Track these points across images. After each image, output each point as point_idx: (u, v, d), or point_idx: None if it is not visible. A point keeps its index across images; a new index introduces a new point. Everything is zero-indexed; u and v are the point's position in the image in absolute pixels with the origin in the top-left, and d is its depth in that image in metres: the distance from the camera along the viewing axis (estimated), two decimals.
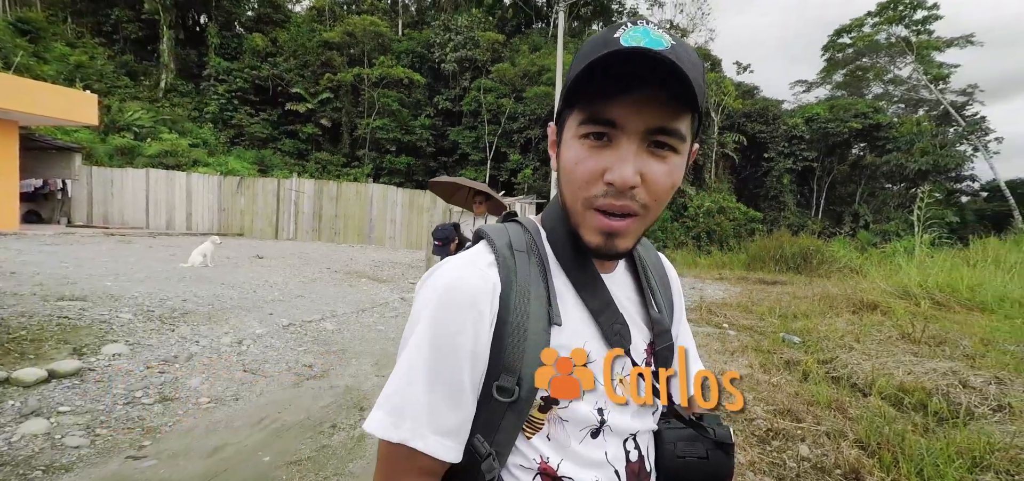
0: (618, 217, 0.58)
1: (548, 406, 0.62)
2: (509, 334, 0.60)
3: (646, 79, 0.53)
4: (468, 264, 0.63)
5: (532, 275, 0.64)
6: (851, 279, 9.68)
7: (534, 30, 30.68)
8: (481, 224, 4.82)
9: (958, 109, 26.05)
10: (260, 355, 4.43)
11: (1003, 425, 3.26)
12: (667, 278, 0.81)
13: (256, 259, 10.72)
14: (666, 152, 0.57)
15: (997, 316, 6.36)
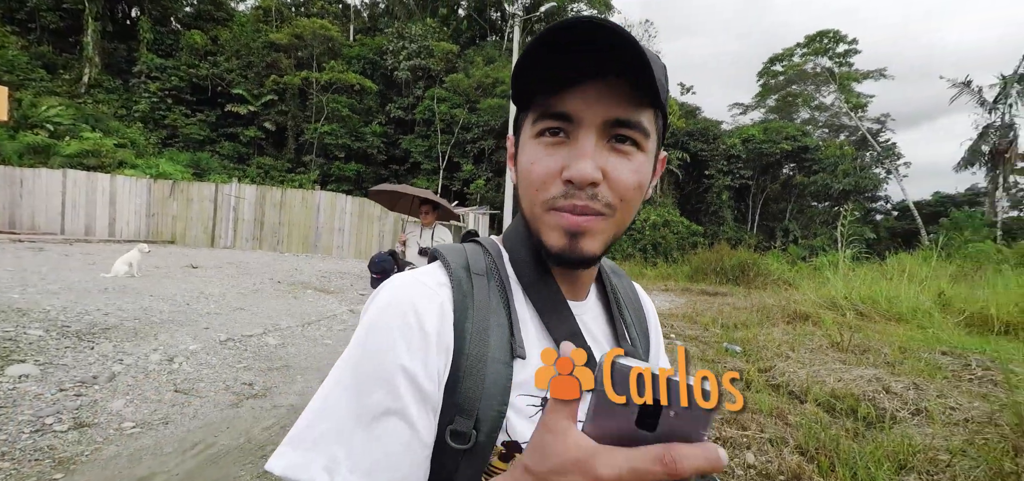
0: (584, 215, 0.52)
1: (510, 452, 0.52)
2: (465, 369, 0.51)
3: (603, 67, 0.49)
4: (414, 281, 0.55)
5: (492, 301, 0.56)
6: (785, 291, 10.29)
7: (488, 43, 30.90)
8: (435, 234, 4.67)
9: (874, 135, 28.56)
10: (194, 373, 4.12)
11: (921, 428, 3.53)
12: (642, 310, 0.74)
13: (190, 269, 10.04)
14: (629, 147, 0.52)
15: (911, 325, 6.93)
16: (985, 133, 22.96)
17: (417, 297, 0.52)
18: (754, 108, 34.15)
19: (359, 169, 24.07)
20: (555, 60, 0.49)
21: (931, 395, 4.08)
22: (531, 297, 0.59)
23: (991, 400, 3.84)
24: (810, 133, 27.97)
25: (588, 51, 0.47)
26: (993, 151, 22.46)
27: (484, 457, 0.51)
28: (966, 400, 3.93)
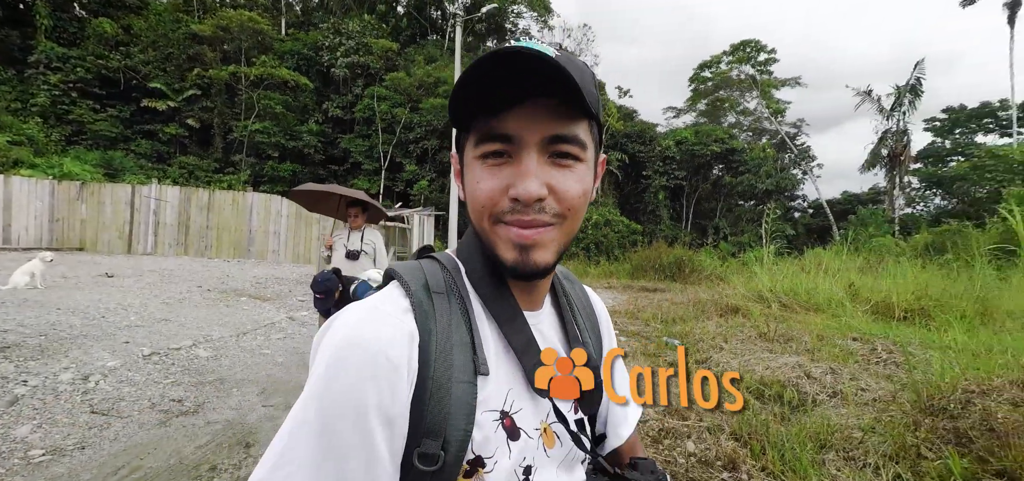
0: (533, 228, 0.54)
1: (474, 469, 0.53)
2: (431, 391, 0.51)
3: (536, 88, 0.51)
4: (376, 310, 0.53)
5: (453, 320, 0.56)
6: (717, 286, 10.93)
7: (429, 41, 30.52)
8: (365, 237, 4.49)
9: (791, 138, 30.90)
10: (114, 392, 3.79)
11: (838, 409, 3.86)
12: (594, 313, 0.77)
13: (104, 278, 9.19)
14: (569, 161, 0.54)
15: (827, 315, 7.57)
16: (884, 138, 25.45)
17: (382, 330, 0.51)
18: (686, 112, 35.98)
19: (295, 169, 23.00)
20: (491, 84, 0.51)
21: (845, 379, 4.47)
22: (490, 309, 0.59)
23: (894, 380, 4.27)
24: (736, 136, 29.85)
25: (522, 74, 0.50)
26: (891, 154, 24.95)
27: (451, 477, 0.51)
28: (874, 381, 4.34)
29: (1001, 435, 2.62)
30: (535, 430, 0.58)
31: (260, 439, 3.24)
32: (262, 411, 3.71)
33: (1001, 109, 28.59)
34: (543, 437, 0.59)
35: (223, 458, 2.98)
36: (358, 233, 4.48)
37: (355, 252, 4.40)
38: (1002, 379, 3.50)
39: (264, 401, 3.92)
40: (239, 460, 2.96)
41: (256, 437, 3.27)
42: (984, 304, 6.75)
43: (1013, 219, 9.73)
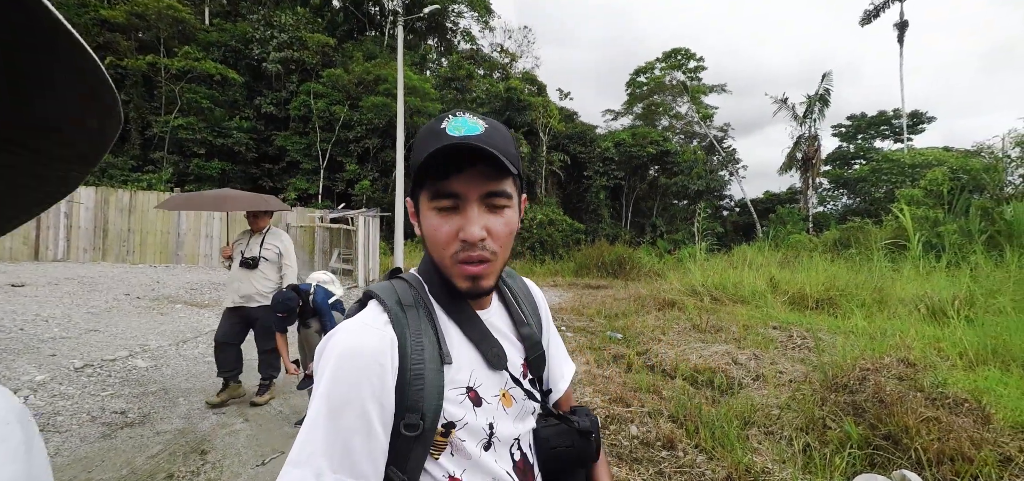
0: (477, 264, 0.74)
1: (448, 430, 0.74)
2: (410, 381, 0.71)
3: (474, 159, 0.72)
4: (365, 327, 0.73)
5: (422, 325, 0.76)
6: (655, 282, 11.59)
7: (368, 37, 29.79)
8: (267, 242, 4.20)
9: (719, 142, 32.97)
10: (47, 406, 3.59)
11: (760, 390, 4.34)
12: (533, 299, 0.98)
13: (11, 288, 8.39)
14: (500, 208, 0.75)
15: (751, 306, 8.30)
16: (798, 142, 27.78)
17: (371, 340, 0.71)
18: (624, 114, 37.40)
19: (224, 167, 21.70)
20: (443, 160, 0.72)
21: (766, 363, 4.99)
22: (451, 316, 0.80)
23: (806, 363, 4.83)
24: (670, 139, 31.44)
25: (463, 153, 0.71)
26: (804, 157, 27.29)
27: (429, 438, 0.72)
28: (790, 364, 4.89)
29: (888, 405, 3.11)
30: (494, 397, 0.79)
31: (216, 446, 3.21)
32: (214, 419, 3.65)
33: (894, 117, 32.04)
34: (502, 401, 0.80)
35: (179, 466, 2.94)
36: (259, 237, 4.14)
37: (253, 259, 4.06)
38: (891, 357, 4.09)
39: (215, 410, 3.84)
40: (196, 467, 2.94)
41: (211, 444, 3.23)
42: (881, 292, 7.67)
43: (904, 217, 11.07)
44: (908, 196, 13.38)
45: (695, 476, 2.81)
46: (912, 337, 4.86)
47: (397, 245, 14.60)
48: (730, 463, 2.82)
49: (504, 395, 0.81)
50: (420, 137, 0.75)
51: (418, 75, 25.27)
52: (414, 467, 0.72)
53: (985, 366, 4.09)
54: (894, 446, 2.77)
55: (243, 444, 3.25)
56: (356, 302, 0.82)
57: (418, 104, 22.21)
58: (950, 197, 11.89)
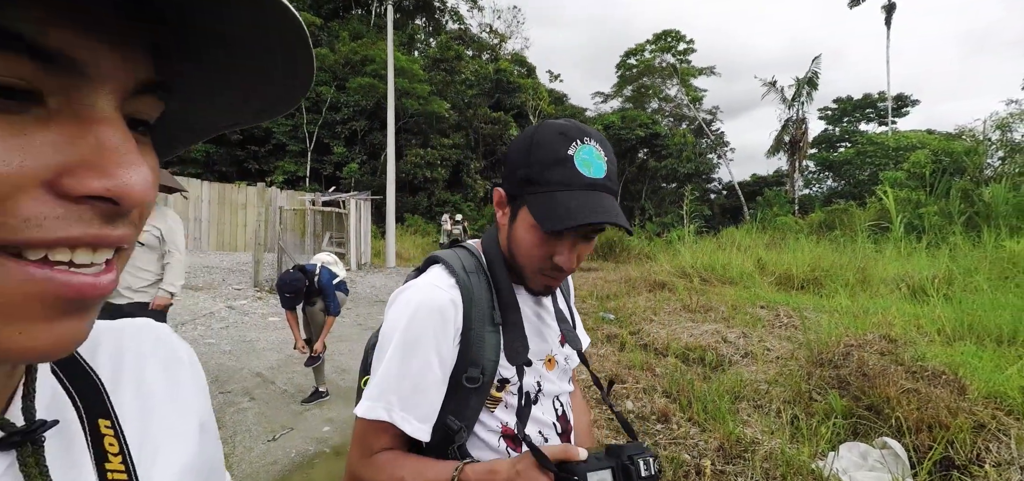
0: (555, 280, 0.85)
1: (503, 386, 0.85)
2: (472, 339, 0.82)
3: (594, 213, 0.77)
4: (434, 286, 0.83)
5: (482, 291, 0.86)
6: (646, 264, 11.77)
7: (354, 16, 29.29)
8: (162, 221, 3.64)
9: (707, 125, 33.19)
10: None
11: (749, 367, 4.49)
12: (568, 282, 1.12)
13: None
14: (590, 240, 0.85)
15: (739, 286, 8.49)
16: (786, 125, 28.10)
17: (438, 299, 0.81)
18: (613, 97, 37.44)
19: (209, 150, 21.41)
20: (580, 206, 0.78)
21: (755, 341, 5.16)
22: (499, 292, 0.89)
23: (793, 341, 5.01)
24: (659, 122, 31.59)
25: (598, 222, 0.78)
26: (791, 140, 27.63)
27: (486, 392, 0.84)
28: (777, 342, 5.06)
29: (870, 378, 3.27)
30: (540, 361, 0.91)
31: (225, 423, 3.28)
32: (221, 398, 3.71)
33: (880, 100, 32.48)
34: (546, 365, 0.92)
35: None
36: (168, 210, 3.61)
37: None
38: (873, 334, 4.26)
39: (220, 388, 3.90)
40: None
41: (221, 421, 3.30)
42: (864, 273, 7.90)
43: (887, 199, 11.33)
44: (891, 178, 13.68)
45: (689, 447, 2.95)
46: (893, 315, 5.05)
47: (389, 229, 14.58)
48: (722, 434, 2.96)
49: (549, 360, 0.93)
50: (543, 151, 0.80)
51: (406, 56, 24.97)
52: (471, 416, 0.84)
53: (962, 341, 4.28)
54: (876, 416, 2.93)
55: (252, 421, 3.32)
56: (415, 269, 0.93)
57: (406, 85, 22.00)
58: (932, 179, 12.18)
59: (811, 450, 2.71)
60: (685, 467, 2.71)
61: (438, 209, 22.12)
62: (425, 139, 23.75)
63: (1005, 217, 9.43)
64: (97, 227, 0.25)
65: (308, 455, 3.31)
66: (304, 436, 3.58)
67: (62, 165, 0.24)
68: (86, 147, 0.24)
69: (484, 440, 0.85)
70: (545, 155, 0.79)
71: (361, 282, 10.60)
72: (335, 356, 5.03)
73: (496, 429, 0.85)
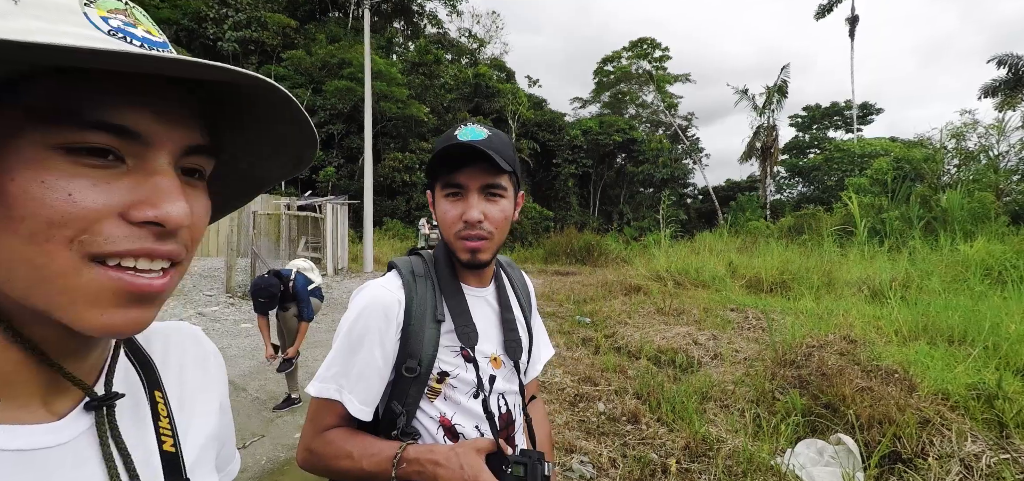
0: (476, 240, 0.92)
1: (443, 378, 0.94)
2: (412, 333, 0.92)
3: (476, 158, 0.90)
4: (383, 287, 0.95)
5: (427, 292, 0.97)
6: (622, 267, 11.95)
7: (331, 19, 29.00)
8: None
9: (683, 131, 33.82)
10: None
11: (718, 368, 4.63)
12: (527, 288, 1.19)
13: None
14: (495, 198, 0.93)
15: (711, 290, 8.71)
16: (758, 132, 28.83)
17: (384, 298, 0.93)
18: (591, 102, 37.86)
19: None
20: (450, 156, 0.92)
21: (724, 343, 5.31)
22: (448, 289, 0.98)
23: (760, 342, 5.17)
24: (636, 127, 32.08)
25: (468, 152, 0.90)
26: (763, 146, 28.37)
27: (424, 381, 0.92)
28: (745, 343, 5.22)
29: (829, 377, 3.42)
30: (486, 358, 0.99)
31: None
32: None
33: (846, 108, 33.60)
34: (492, 363, 0.99)
35: None
36: None
37: None
38: (834, 335, 4.44)
39: None
40: None
41: None
42: (829, 276, 8.19)
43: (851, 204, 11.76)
44: (856, 184, 14.19)
45: (656, 447, 3.04)
46: (854, 316, 5.27)
47: (366, 233, 14.46)
48: (688, 434, 3.05)
49: (494, 359, 1.00)
50: (439, 141, 0.95)
51: (384, 59, 24.83)
52: (412, 403, 0.93)
53: (916, 341, 4.50)
54: (832, 414, 3.07)
55: None
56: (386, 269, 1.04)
57: (385, 89, 21.87)
58: (894, 185, 12.69)
59: (771, 447, 2.83)
60: (652, 466, 2.79)
61: (417, 213, 22.01)
62: (404, 143, 23.63)
63: (960, 222, 9.90)
64: (151, 243, 0.37)
65: (279, 462, 3.29)
66: (275, 443, 3.56)
67: (131, 201, 0.36)
68: (147, 189, 0.37)
69: (425, 428, 0.93)
70: (440, 141, 0.94)
71: (338, 287, 10.50)
72: (309, 362, 4.99)
73: (435, 417, 0.94)
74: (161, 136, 0.37)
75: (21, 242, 0.34)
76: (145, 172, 0.37)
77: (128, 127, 0.36)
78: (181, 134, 0.39)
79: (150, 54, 0.33)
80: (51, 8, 0.34)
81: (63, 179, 0.34)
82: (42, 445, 0.39)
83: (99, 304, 0.36)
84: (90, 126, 0.35)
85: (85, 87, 0.35)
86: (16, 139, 0.34)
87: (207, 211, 0.43)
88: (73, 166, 0.34)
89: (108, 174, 0.36)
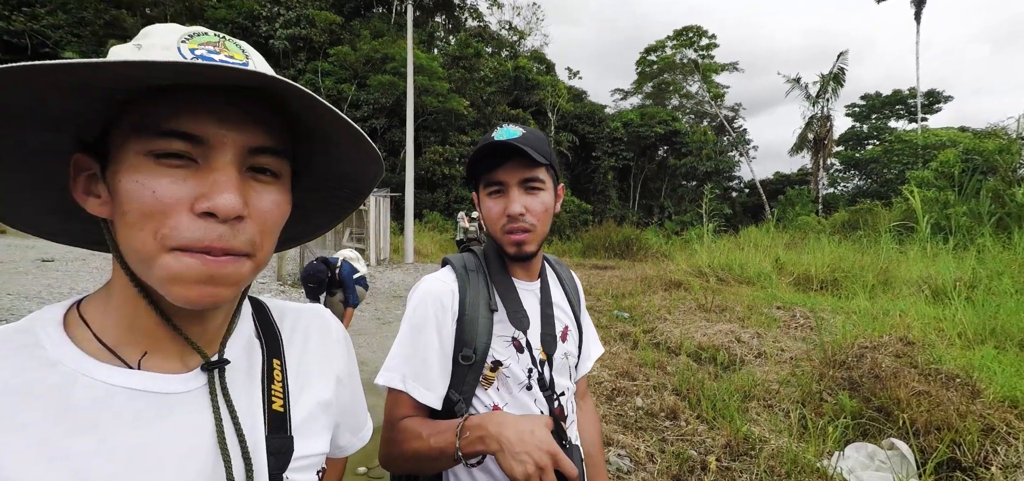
0: (520, 233, 0.97)
1: (496, 367, 0.98)
2: (466, 322, 0.97)
3: (512, 155, 0.95)
4: (437, 280, 1.01)
5: (479, 285, 1.02)
6: (662, 262, 11.71)
7: (375, 15, 29.62)
8: None
9: (729, 122, 32.67)
10: None
11: (762, 366, 4.49)
12: (575, 284, 1.22)
13: (42, 263, 8.70)
14: (535, 191, 0.98)
15: (756, 287, 8.42)
16: (810, 123, 27.48)
17: (439, 289, 0.99)
18: (632, 94, 37.12)
19: None
20: (488, 155, 0.98)
21: (768, 341, 5.14)
22: (499, 281, 1.04)
23: (807, 342, 4.98)
24: (680, 119, 31.22)
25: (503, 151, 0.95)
26: (816, 138, 27.03)
27: (479, 369, 0.97)
28: (792, 343, 5.03)
29: (882, 380, 3.26)
30: (537, 349, 1.02)
31: None
32: None
33: (909, 97, 31.52)
34: (541, 354, 1.02)
35: None
36: None
37: None
38: (889, 336, 4.21)
39: None
40: None
41: None
42: (886, 274, 7.75)
43: (913, 198, 11.06)
44: (919, 178, 13.32)
45: (696, 443, 2.99)
46: (912, 317, 4.98)
47: (407, 225, 14.78)
48: (729, 432, 2.99)
49: (540, 350, 1.04)
50: (477, 145, 1.00)
51: (426, 54, 25.18)
52: (468, 390, 0.98)
53: (983, 345, 4.21)
54: (885, 417, 2.93)
55: None
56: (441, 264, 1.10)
57: (426, 83, 22.20)
58: (961, 179, 11.83)
59: (817, 449, 2.73)
60: (691, 462, 2.76)
61: (456, 206, 22.28)
62: (444, 136, 23.95)
63: None
64: (214, 234, 0.44)
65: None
66: None
67: (196, 195, 0.43)
68: (207, 184, 0.44)
69: None
70: (479, 144, 0.99)
71: (380, 277, 10.80)
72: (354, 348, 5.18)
73: (489, 406, 0.98)
74: (222, 138, 0.44)
75: (129, 231, 0.44)
76: (208, 170, 0.44)
77: (193, 132, 0.43)
78: (243, 136, 0.46)
79: (189, 62, 0.41)
80: (158, 48, 0.45)
81: (151, 179, 0.43)
82: (172, 390, 0.49)
83: (179, 282, 0.43)
84: (166, 134, 0.43)
85: (165, 103, 0.43)
86: (124, 149, 0.44)
87: (277, 206, 0.49)
88: (158, 167, 0.43)
89: (183, 173, 0.43)
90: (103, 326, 0.49)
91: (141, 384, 0.48)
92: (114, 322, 0.49)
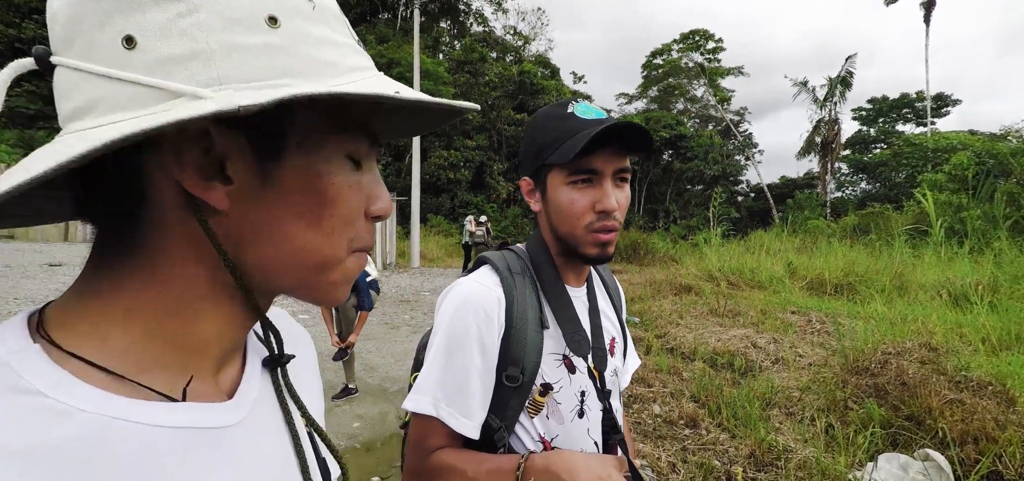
0: (609, 232, 0.83)
1: (545, 391, 0.83)
2: (514, 337, 0.81)
3: (609, 139, 0.80)
4: (479, 283, 0.84)
5: (527, 291, 0.85)
6: (671, 266, 11.59)
7: (381, 20, 29.74)
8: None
9: (735, 126, 32.52)
10: None
11: (780, 373, 4.38)
12: (619, 292, 1.10)
13: (49, 267, 8.69)
14: (623, 183, 0.85)
15: (769, 291, 8.29)
16: (817, 126, 27.29)
17: (482, 295, 0.82)
18: (637, 98, 37.04)
19: None
20: (599, 136, 0.79)
21: (786, 347, 5.03)
22: (550, 290, 0.88)
23: (826, 347, 4.86)
24: (685, 123, 31.10)
25: (612, 131, 0.79)
26: (823, 142, 26.82)
27: (526, 392, 0.82)
28: (810, 348, 4.92)
29: (910, 387, 3.15)
30: (586, 368, 0.88)
31: None
32: None
33: (917, 100, 31.28)
34: (593, 373, 0.88)
35: None
36: None
37: None
38: (913, 342, 4.10)
39: None
40: None
41: None
42: (901, 278, 7.62)
43: (926, 202, 10.91)
44: (931, 181, 13.16)
45: (719, 452, 2.89)
46: (934, 322, 4.86)
47: (413, 229, 14.73)
48: (753, 441, 2.89)
49: (593, 369, 0.89)
50: (545, 121, 0.86)
51: (431, 59, 25.23)
52: (511, 417, 0.82)
53: (1008, 351, 4.09)
54: (917, 427, 2.82)
55: None
56: (470, 266, 0.94)
57: (432, 87, 22.23)
58: (975, 182, 11.67)
59: (848, 460, 2.63)
60: (716, 473, 2.66)
61: (462, 210, 22.24)
62: (449, 141, 23.94)
63: None
64: (373, 233, 0.46)
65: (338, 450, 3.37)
66: (334, 432, 3.65)
67: (368, 200, 0.43)
68: (379, 188, 0.44)
69: (524, 447, 0.83)
70: (549, 123, 0.84)
71: (387, 282, 10.74)
72: (363, 354, 5.11)
73: (535, 437, 0.83)
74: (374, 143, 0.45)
75: (316, 234, 0.40)
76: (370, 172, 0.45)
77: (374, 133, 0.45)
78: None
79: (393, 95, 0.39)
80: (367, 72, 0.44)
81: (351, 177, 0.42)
82: (225, 423, 0.41)
83: (345, 284, 0.44)
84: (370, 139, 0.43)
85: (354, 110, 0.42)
86: (322, 146, 0.40)
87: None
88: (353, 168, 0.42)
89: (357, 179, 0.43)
90: (112, 348, 0.35)
91: (188, 420, 0.37)
92: (140, 341, 0.36)
